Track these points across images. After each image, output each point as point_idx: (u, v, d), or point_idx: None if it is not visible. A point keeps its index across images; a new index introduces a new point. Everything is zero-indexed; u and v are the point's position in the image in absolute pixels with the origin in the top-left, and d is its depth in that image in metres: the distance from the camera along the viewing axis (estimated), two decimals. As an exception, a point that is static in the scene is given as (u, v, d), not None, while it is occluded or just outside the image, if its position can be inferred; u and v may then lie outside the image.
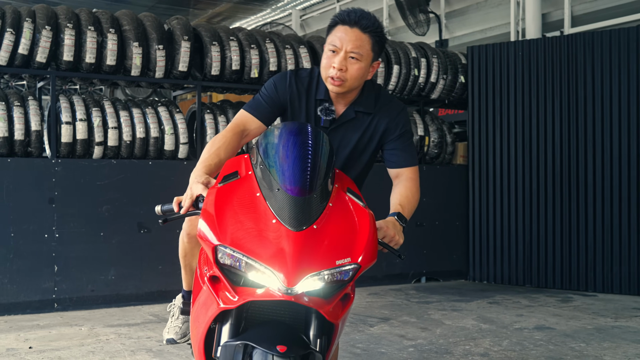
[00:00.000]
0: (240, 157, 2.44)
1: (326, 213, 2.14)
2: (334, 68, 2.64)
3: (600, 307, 6.29)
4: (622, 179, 6.98)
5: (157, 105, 6.64)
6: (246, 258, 2.02)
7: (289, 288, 1.97)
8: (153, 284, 6.51)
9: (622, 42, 6.98)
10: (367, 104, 2.80)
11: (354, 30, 2.63)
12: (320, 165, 2.20)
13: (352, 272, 2.08)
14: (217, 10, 13.56)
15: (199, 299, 2.32)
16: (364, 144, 2.83)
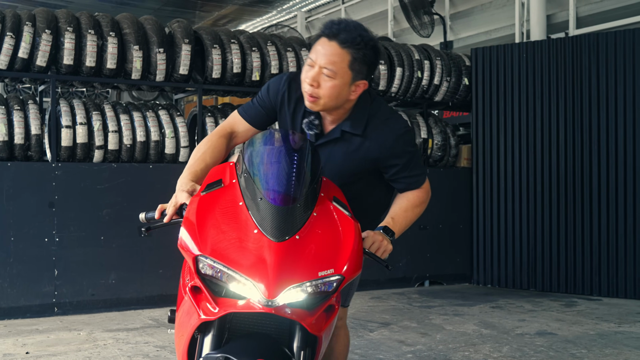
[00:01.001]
0: (225, 164, 2.39)
1: (310, 223, 2.09)
2: (306, 82, 2.46)
3: (604, 312, 6.22)
4: (627, 182, 6.90)
5: (157, 108, 6.62)
6: (226, 269, 1.98)
7: (269, 300, 1.93)
8: (153, 287, 6.49)
9: (627, 43, 6.90)
10: (356, 124, 2.56)
11: (331, 43, 2.40)
12: (305, 174, 2.16)
13: (335, 283, 2.04)
14: (223, 13, 13.55)
15: (182, 308, 2.28)
16: (352, 167, 2.61)
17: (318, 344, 2.11)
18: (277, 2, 12.63)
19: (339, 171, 2.59)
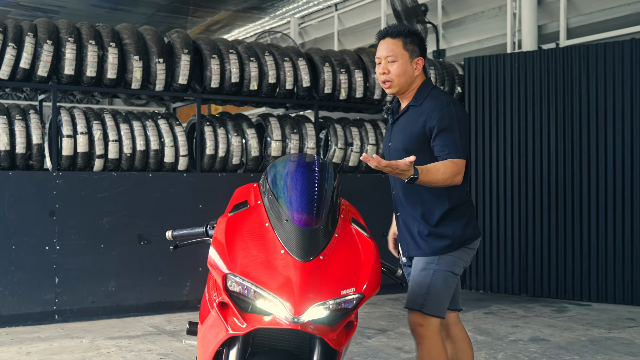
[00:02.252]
0: (249, 186, 2.51)
1: (332, 243, 2.21)
2: (380, 74, 3.15)
3: (595, 318, 6.37)
4: (616, 190, 7.06)
5: (157, 117, 6.71)
6: (255, 287, 2.09)
7: (295, 317, 2.05)
8: (153, 295, 6.58)
9: (616, 54, 7.06)
10: (418, 99, 3.16)
11: (386, 40, 3.13)
12: (327, 197, 2.28)
13: (355, 301, 2.16)
14: (216, 19, 13.62)
15: (207, 322, 2.39)
16: (409, 132, 3.12)
17: (337, 358, 2.23)
18: (270, 8, 12.71)
19: (406, 136, 3.11)
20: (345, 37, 11.60)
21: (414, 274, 3.15)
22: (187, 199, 6.74)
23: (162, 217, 6.61)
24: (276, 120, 7.21)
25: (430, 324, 3.10)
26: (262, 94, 7.13)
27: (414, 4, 9.27)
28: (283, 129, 7.19)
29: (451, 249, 3.09)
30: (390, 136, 3.25)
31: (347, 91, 7.51)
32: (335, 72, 7.43)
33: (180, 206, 6.71)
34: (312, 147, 7.27)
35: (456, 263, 3.12)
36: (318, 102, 7.48)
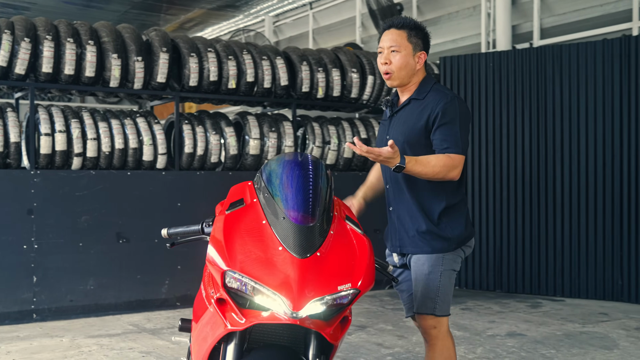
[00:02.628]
0: (244, 184, 2.55)
1: (328, 240, 2.26)
2: (381, 64, 3.13)
3: (569, 313, 6.51)
4: (588, 187, 7.21)
5: (135, 116, 6.70)
6: (254, 283, 2.13)
7: (294, 312, 2.10)
8: (132, 293, 6.57)
9: (589, 54, 7.20)
10: (421, 93, 3.15)
11: (390, 30, 3.13)
12: (321, 195, 2.32)
13: (351, 296, 2.21)
14: (190, 16, 13.58)
15: (203, 318, 2.42)
16: (412, 124, 3.10)
17: (332, 352, 2.29)
18: (244, 6, 12.71)
19: (407, 129, 3.10)
20: (320, 36, 11.65)
21: (419, 277, 3.10)
22: (165, 197, 6.74)
23: (140, 215, 6.61)
24: (254, 118, 7.24)
25: (443, 325, 3.12)
26: (241, 92, 7.15)
27: (389, 3, 9.36)
28: (261, 128, 7.22)
29: (452, 249, 3.09)
30: (389, 129, 3.20)
31: (324, 90, 7.57)
32: (313, 71, 7.48)
33: (158, 204, 6.71)
34: (290, 146, 7.31)
35: (456, 261, 3.13)
36: (296, 100, 7.52)
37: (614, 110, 7.04)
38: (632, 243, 6.92)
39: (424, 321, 3.12)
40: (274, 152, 7.22)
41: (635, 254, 6.90)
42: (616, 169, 7.04)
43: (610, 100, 7.07)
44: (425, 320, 3.12)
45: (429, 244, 3.08)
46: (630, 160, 6.93)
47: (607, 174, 7.10)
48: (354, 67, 7.71)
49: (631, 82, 6.93)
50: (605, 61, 7.11)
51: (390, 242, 3.25)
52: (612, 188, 7.07)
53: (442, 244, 3.08)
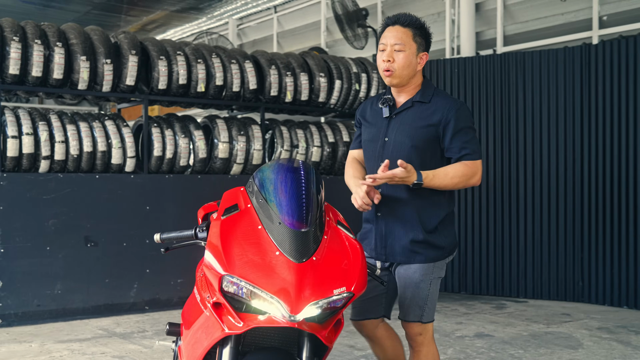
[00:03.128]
0: (236, 190, 2.58)
1: (322, 245, 2.31)
2: (383, 61, 3.03)
3: (533, 314, 6.66)
4: (550, 191, 7.39)
5: (104, 118, 6.65)
6: (252, 287, 2.17)
7: (292, 315, 2.14)
8: (100, 297, 6.51)
9: (550, 62, 7.40)
10: (425, 96, 3.10)
11: (395, 27, 3.05)
12: (314, 200, 2.37)
13: (345, 300, 2.26)
14: (152, 18, 13.48)
15: (197, 322, 2.44)
16: (420, 129, 3.03)
17: (325, 354, 2.34)
18: (207, 8, 12.68)
19: (415, 133, 3.03)
20: (284, 40, 11.69)
21: (409, 285, 3.05)
22: (134, 200, 6.70)
23: (109, 219, 6.56)
24: (223, 122, 7.24)
25: (429, 331, 3.12)
26: (209, 95, 7.15)
27: (355, 8, 9.44)
28: (230, 131, 7.23)
29: (444, 257, 3.08)
30: (387, 130, 3.09)
31: (292, 94, 7.61)
32: (281, 75, 7.51)
33: (127, 208, 6.67)
34: (258, 149, 7.34)
35: (444, 267, 3.12)
36: (264, 104, 7.55)
37: (575, 116, 7.24)
38: (592, 245, 7.12)
39: (411, 328, 3.12)
40: (243, 156, 7.24)
41: (595, 256, 7.10)
42: (577, 173, 7.24)
43: (571, 106, 7.27)
44: (412, 328, 3.11)
45: (423, 253, 3.03)
46: (591, 164, 7.13)
47: (569, 178, 7.29)
48: (321, 71, 7.77)
49: (591, 89, 7.14)
50: (566, 68, 7.31)
51: (374, 249, 3.13)
52: (573, 192, 7.27)
53: (436, 253, 3.05)
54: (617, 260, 6.96)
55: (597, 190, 7.11)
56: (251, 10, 12.16)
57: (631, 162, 6.86)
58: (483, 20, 8.62)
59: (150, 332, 5.88)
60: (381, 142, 3.11)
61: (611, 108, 7.01)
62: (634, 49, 6.88)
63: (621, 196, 6.93)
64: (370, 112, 3.24)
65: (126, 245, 6.64)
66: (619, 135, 6.95)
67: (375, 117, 3.19)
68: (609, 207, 7.02)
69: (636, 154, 6.83)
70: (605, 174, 7.04)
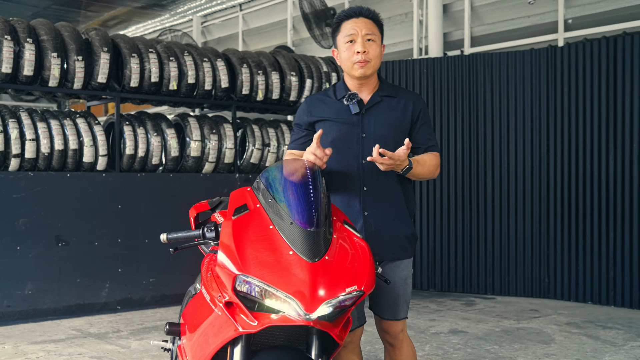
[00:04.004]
0: (243, 190, 2.59)
1: (333, 244, 2.35)
2: (357, 53, 2.94)
3: (502, 310, 6.80)
4: (517, 190, 7.55)
5: (75, 116, 6.56)
6: (267, 286, 2.19)
7: (308, 314, 2.16)
8: (71, 297, 6.43)
9: (517, 63, 7.55)
10: (389, 90, 3.09)
11: (361, 19, 2.99)
12: (322, 200, 2.40)
13: (355, 298, 2.30)
14: (113, 14, 13.29)
15: (206, 322, 2.44)
16: (397, 122, 3.04)
17: (335, 351, 2.37)
18: (171, 5, 12.55)
19: (394, 127, 3.02)
20: (250, 38, 11.66)
21: (399, 282, 3.04)
22: (106, 199, 6.63)
23: (80, 218, 6.48)
24: (195, 120, 7.21)
25: (406, 326, 3.17)
26: (181, 94, 7.11)
27: (323, 7, 9.48)
28: (202, 129, 7.20)
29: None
30: (363, 126, 3.01)
31: (264, 92, 7.62)
32: (253, 74, 7.52)
33: (99, 207, 6.59)
34: (230, 148, 7.32)
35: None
36: (236, 102, 7.54)
37: (542, 116, 7.41)
38: (558, 243, 7.30)
39: (396, 326, 3.12)
40: (215, 154, 7.21)
41: (561, 253, 7.28)
42: (543, 172, 7.41)
43: (537, 107, 7.43)
44: (397, 326, 3.12)
45: (409, 248, 3.08)
46: (557, 163, 7.31)
47: (535, 177, 7.46)
48: (292, 70, 7.79)
49: (557, 90, 7.31)
50: (533, 69, 7.47)
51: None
52: (539, 190, 7.44)
53: (414, 245, 3.12)
54: (582, 258, 7.15)
55: (563, 189, 7.28)
56: (216, 7, 12.08)
57: (595, 161, 7.05)
58: (450, 21, 8.75)
59: (125, 332, 5.83)
60: (357, 139, 3.01)
61: (576, 108, 7.19)
62: (598, 52, 7.07)
63: (586, 195, 7.12)
64: (327, 110, 3.07)
65: (98, 244, 6.57)
66: (584, 135, 7.13)
67: (340, 114, 3.04)
68: (574, 206, 7.21)
69: (600, 153, 7.02)
70: (571, 173, 7.23)
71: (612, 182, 6.96)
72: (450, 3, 8.68)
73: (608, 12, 7.55)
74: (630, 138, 6.84)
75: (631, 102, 6.84)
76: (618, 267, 6.90)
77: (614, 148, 6.95)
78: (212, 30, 12.49)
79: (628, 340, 5.50)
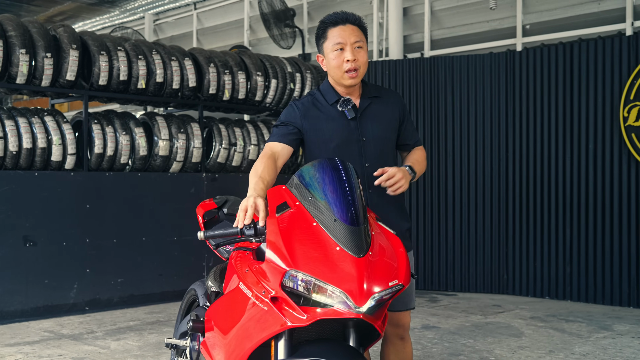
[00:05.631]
0: (278, 188, 2.63)
1: (374, 240, 2.43)
2: (348, 61, 2.93)
3: (467, 306, 7.01)
4: (477, 189, 7.80)
5: (43, 114, 6.44)
6: (318, 281, 2.26)
7: (358, 307, 2.24)
8: (39, 298, 6.32)
9: (477, 66, 7.79)
10: (373, 91, 3.13)
11: (348, 25, 2.96)
12: (360, 198, 2.48)
13: (395, 292, 2.39)
14: (61, 9, 13.00)
15: (247, 317, 2.48)
16: (391, 121, 3.11)
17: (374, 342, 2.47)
18: (121, 2, 12.37)
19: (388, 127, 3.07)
20: (204, 37, 11.60)
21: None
22: (74, 198, 6.54)
23: (48, 217, 6.37)
24: (163, 119, 7.18)
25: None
26: (149, 92, 7.06)
27: (283, 7, 9.54)
28: (170, 128, 7.17)
29: None
30: (361, 130, 3.05)
31: (230, 92, 7.63)
32: (220, 73, 7.52)
33: (67, 206, 6.50)
34: (198, 147, 7.31)
35: None
36: (203, 102, 7.53)
37: (500, 118, 7.67)
38: (517, 240, 7.57)
39: (406, 318, 3.21)
40: (183, 154, 7.19)
41: (520, 250, 7.55)
42: (502, 171, 7.67)
43: (497, 109, 7.69)
44: (408, 316, 3.22)
45: (410, 240, 3.20)
46: (515, 163, 7.58)
47: (494, 177, 7.71)
48: (258, 70, 7.83)
49: (515, 93, 7.58)
50: (492, 73, 7.72)
51: None
52: (498, 189, 7.70)
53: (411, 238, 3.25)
54: (539, 254, 7.44)
55: (521, 188, 7.56)
56: (169, 5, 11.98)
57: (552, 161, 7.34)
58: (410, 24, 8.93)
59: (99, 332, 5.77)
60: (357, 143, 3.05)
61: (534, 111, 7.48)
62: (555, 57, 7.36)
63: (543, 194, 7.41)
64: (323, 116, 3.07)
65: (66, 244, 6.47)
66: (541, 136, 7.42)
67: (337, 120, 3.05)
68: (532, 204, 7.49)
69: (557, 154, 7.31)
70: (529, 173, 7.51)
71: (568, 182, 7.26)
72: (410, 6, 8.87)
73: (564, 19, 7.87)
74: (585, 139, 7.15)
75: (587, 104, 7.15)
76: (574, 263, 7.21)
77: (570, 149, 7.25)
78: (165, 28, 12.37)
79: (592, 332, 5.77)
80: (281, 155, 2.98)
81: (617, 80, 6.95)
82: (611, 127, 6.98)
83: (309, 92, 3.18)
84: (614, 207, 6.97)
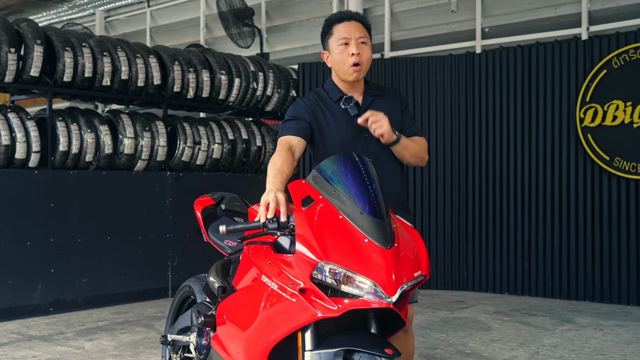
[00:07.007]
0: (299, 182, 2.66)
1: (397, 233, 2.49)
2: (352, 55, 3.02)
3: (431, 302, 7.16)
4: (438, 188, 7.96)
5: (6, 111, 6.28)
6: (350, 272, 2.31)
7: (388, 297, 2.30)
8: (3, 300, 6.16)
9: (438, 68, 7.96)
10: (374, 90, 3.22)
11: (353, 22, 3.08)
12: (381, 190, 2.54)
13: (418, 282, 2.46)
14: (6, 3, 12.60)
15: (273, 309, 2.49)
16: (393, 118, 3.13)
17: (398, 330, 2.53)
18: (70, -3, 12.13)
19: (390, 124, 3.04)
20: (158, 35, 11.47)
21: None
22: (38, 197, 6.39)
23: (12, 216, 6.22)
24: (128, 117, 7.08)
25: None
26: (114, 90, 6.97)
27: (242, 6, 9.53)
28: (135, 126, 7.08)
29: None
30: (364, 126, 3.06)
31: (194, 90, 7.59)
32: (184, 72, 7.47)
33: (31, 205, 6.35)
34: (163, 145, 7.25)
35: None
36: (167, 100, 7.46)
37: (460, 118, 7.86)
38: (476, 238, 7.76)
39: (411, 310, 3.23)
40: (148, 152, 7.12)
41: (479, 248, 7.75)
42: (461, 171, 7.86)
43: (457, 109, 7.87)
44: (412, 309, 3.24)
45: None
46: (474, 163, 7.78)
47: (454, 177, 7.89)
48: (222, 69, 7.81)
49: (475, 94, 7.78)
50: (452, 74, 7.90)
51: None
52: (457, 189, 7.88)
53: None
54: (499, 251, 7.65)
55: (480, 187, 7.76)
56: (121, 2, 11.79)
57: (511, 161, 7.56)
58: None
59: (69, 333, 5.67)
60: (361, 138, 3.13)
61: (493, 112, 7.69)
62: (514, 59, 7.59)
63: (502, 193, 7.62)
64: (329, 113, 3.16)
65: (30, 244, 6.32)
66: (500, 136, 7.63)
67: (342, 116, 3.14)
68: (491, 203, 7.69)
69: (516, 154, 7.54)
70: (488, 173, 7.71)
71: (526, 181, 7.50)
72: (371, 7, 8.99)
73: (522, 22, 8.12)
74: (543, 140, 7.40)
75: (544, 106, 7.39)
76: (532, 260, 7.45)
77: (528, 149, 7.48)
78: (117, 25, 12.17)
79: (556, 325, 5.97)
80: (297, 148, 3.04)
81: (574, 82, 7.21)
82: (568, 127, 7.24)
83: (313, 90, 3.23)
84: (570, 205, 7.23)
